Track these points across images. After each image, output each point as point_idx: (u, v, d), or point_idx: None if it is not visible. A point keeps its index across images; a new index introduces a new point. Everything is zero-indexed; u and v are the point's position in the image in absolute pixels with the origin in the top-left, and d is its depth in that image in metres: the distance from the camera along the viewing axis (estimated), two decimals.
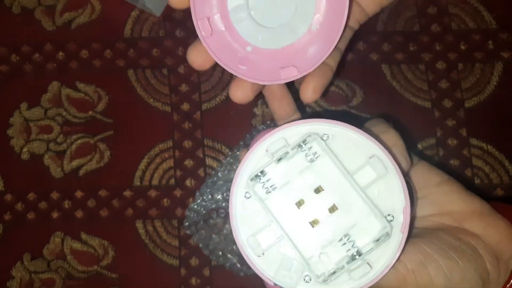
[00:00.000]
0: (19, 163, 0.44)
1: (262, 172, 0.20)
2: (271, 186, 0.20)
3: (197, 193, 0.42)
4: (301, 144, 0.20)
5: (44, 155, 0.44)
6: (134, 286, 0.42)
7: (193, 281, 0.41)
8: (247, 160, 0.21)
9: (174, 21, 0.45)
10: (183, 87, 0.44)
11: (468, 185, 0.40)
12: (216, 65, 0.44)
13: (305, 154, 0.20)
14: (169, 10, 0.45)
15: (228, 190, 0.41)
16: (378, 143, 0.20)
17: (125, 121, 0.44)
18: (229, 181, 0.42)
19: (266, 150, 0.20)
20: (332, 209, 0.20)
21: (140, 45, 0.45)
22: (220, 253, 0.41)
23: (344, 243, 0.20)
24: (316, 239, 0.20)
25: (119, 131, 0.44)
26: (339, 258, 0.20)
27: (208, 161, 0.43)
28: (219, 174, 0.42)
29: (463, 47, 0.44)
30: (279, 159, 0.20)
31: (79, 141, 0.44)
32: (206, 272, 0.42)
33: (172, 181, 0.43)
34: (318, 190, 0.20)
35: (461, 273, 0.22)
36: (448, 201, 0.25)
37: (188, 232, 0.42)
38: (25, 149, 0.44)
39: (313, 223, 0.20)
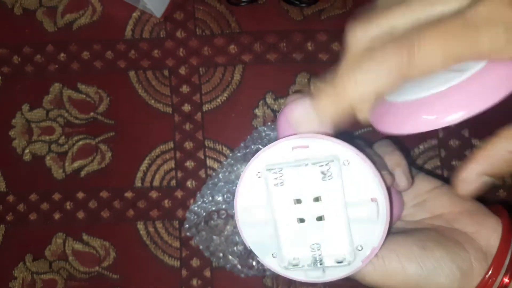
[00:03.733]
0: (21, 164, 0.44)
1: (279, 167, 0.22)
2: (280, 183, 0.22)
3: (198, 195, 0.42)
4: (322, 160, 0.22)
5: (46, 156, 0.44)
6: (135, 287, 0.42)
7: (194, 282, 0.41)
8: (272, 146, 0.22)
9: (175, 22, 0.45)
10: (184, 88, 0.44)
11: None
12: (216, 66, 0.44)
13: (321, 171, 0.22)
14: (169, 11, 0.45)
15: (229, 191, 0.41)
16: (385, 189, 0.22)
17: (126, 122, 0.44)
18: (230, 183, 0.42)
19: (292, 148, 0.22)
20: (320, 218, 0.23)
21: (141, 46, 0.45)
22: (221, 254, 0.41)
23: (314, 250, 0.23)
24: (295, 233, 0.23)
25: (120, 132, 0.44)
26: (305, 258, 0.23)
27: (209, 162, 0.43)
28: (220, 175, 0.42)
29: None
30: (298, 165, 0.22)
31: (80, 143, 0.44)
32: (207, 273, 0.42)
33: (173, 182, 0.43)
34: (316, 199, 0.22)
35: (435, 262, 0.23)
36: (439, 205, 0.27)
37: (188, 234, 0.42)
38: (27, 150, 0.44)
39: (300, 220, 0.23)
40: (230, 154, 0.43)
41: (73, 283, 0.42)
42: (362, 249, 0.22)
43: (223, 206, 0.41)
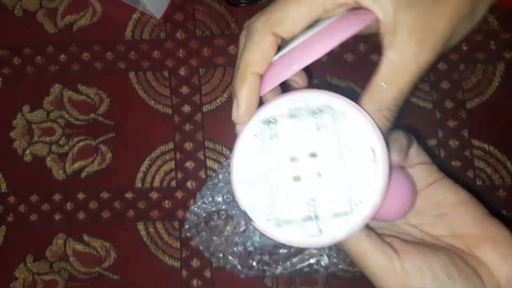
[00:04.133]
0: (22, 165, 0.44)
1: (274, 119, 0.22)
2: (275, 134, 0.22)
3: (198, 195, 0.42)
4: (316, 111, 0.22)
5: (47, 157, 0.44)
6: (135, 287, 0.42)
7: (194, 282, 0.42)
8: (267, 105, 0.23)
9: (174, 23, 0.45)
10: (184, 89, 0.44)
11: (470, 187, 0.40)
12: (215, 67, 0.44)
13: (315, 122, 0.22)
14: (169, 12, 0.45)
15: (229, 192, 0.41)
16: (382, 138, 0.22)
17: (127, 123, 0.44)
18: (230, 183, 0.42)
19: (288, 105, 0.23)
20: (316, 174, 0.22)
21: (141, 47, 0.45)
22: (221, 255, 0.41)
23: (309, 205, 0.22)
24: (291, 191, 0.22)
25: (120, 133, 0.44)
26: (299, 212, 0.22)
27: (209, 163, 0.43)
28: (220, 176, 0.42)
29: (464, 48, 0.44)
30: (293, 116, 0.22)
31: (81, 143, 0.44)
32: (207, 273, 0.42)
33: (173, 183, 0.43)
34: (312, 155, 0.22)
35: None
36: (461, 224, 0.25)
37: (188, 234, 0.42)
38: (27, 151, 0.44)
39: (295, 179, 0.22)
40: (230, 155, 0.43)
41: (73, 283, 0.42)
42: (360, 203, 0.22)
43: (223, 207, 0.41)
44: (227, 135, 0.44)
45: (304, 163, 0.22)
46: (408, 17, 0.21)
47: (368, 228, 0.24)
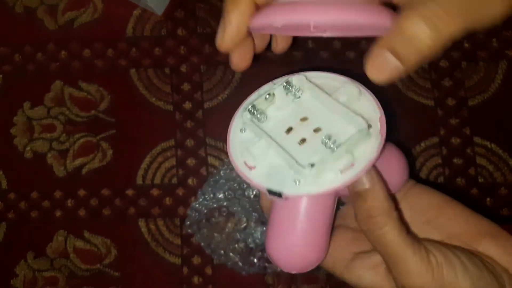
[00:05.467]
0: (23, 162, 0.44)
1: (253, 106, 0.23)
2: (264, 118, 0.23)
3: (199, 192, 0.42)
4: (285, 85, 0.23)
5: (47, 154, 0.44)
6: (136, 284, 0.42)
7: (195, 279, 0.41)
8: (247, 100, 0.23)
9: (176, 20, 0.45)
10: (185, 86, 0.44)
11: (472, 184, 0.40)
12: (216, 64, 0.44)
13: (292, 93, 0.23)
14: (170, 9, 0.45)
15: (230, 189, 0.41)
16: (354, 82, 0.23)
17: (128, 120, 0.44)
18: (231, 180, 0.42)
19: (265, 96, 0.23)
20: (317, 130, 0.22)
21: (142, 44, 0.45)
22: (222, 252, 0.41)
23: (326, 143, 0.21)
24: (302, 152, 0.22)
25: (121, 130, 0.44)
26: (321, 149, 0.21)
27: (210, 160, 0.43)
28: (221, 173, 0.42)
29: (466, 45, 0.43)
30: (269, 98, 0.23)
31: (81, 140, 0.44)
32: (208, 270, 0.42)
33: (175, 180, 0.43)
34: (304, 119, 0.22)
35: (486, 284, 0.22)
36: (453, 224, 0.25)
37: (189, 231, 0.42)
38: (28, 148, 0.44)
39: (301, 141, 0.22)
40: None
41: (74, 280, 0.42)
42: (371, 126, 0.21)
43: (224, 203, 0.41)
44: (228, 132, 0.43)
45: (301, 128, 0.22)
46: None
47: (400, 222, 0.23)
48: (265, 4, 0.21)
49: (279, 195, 0.21)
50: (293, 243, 0.22)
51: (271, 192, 0.21)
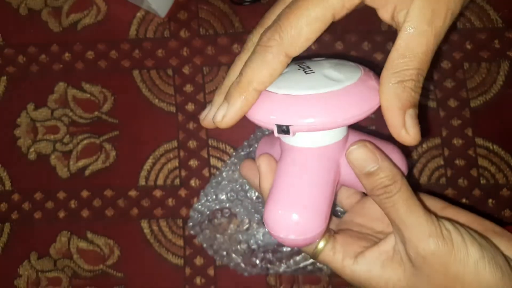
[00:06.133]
0: (26, 163, 0.44)
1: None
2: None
3: (202, 193, 0.42)
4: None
5: (51, 155, 0.44)
6: (139, 285, 0.42)
7: (198, 280, 0.42)
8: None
9: (178, 22, 0.45)
10: (188, 88, 0.44)
11: (474, 185, 0.40)
12: (219, 65, 0.44)
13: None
14: (173, 11, 0.45)
15: (233, 190, 0.41)
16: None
17: (130, 121, 0.44)
18: (233, 181, 0.42)
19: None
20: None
21: (145, 45, 0.45)
22: (225, 253, 0.41)
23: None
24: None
25: (124, 131, 0.44)
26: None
27: (213, 161, 0.43)
28: (224, 174, 0.42)
29: (468, 46, 0.44)
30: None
31: (85, 141, 0.44)
32: (211, 271, 0.42)
33: (177, 181, 0.43)
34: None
35: (494, 253, 0.23)
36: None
37: (192, 232, 0.42)
38: (32, 149, 0.44)
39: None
40: (234, 153, 0.43)
41: (77, 281, 0.42)
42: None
43: (227, 205, 0.41)
44: (230, 134, 0.44)
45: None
46: None
47: (410, 188, 0.24)
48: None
49: (286, 130, 0.22)
50: (295, 203, 0.23)
51: (279, 128, 0.23)
